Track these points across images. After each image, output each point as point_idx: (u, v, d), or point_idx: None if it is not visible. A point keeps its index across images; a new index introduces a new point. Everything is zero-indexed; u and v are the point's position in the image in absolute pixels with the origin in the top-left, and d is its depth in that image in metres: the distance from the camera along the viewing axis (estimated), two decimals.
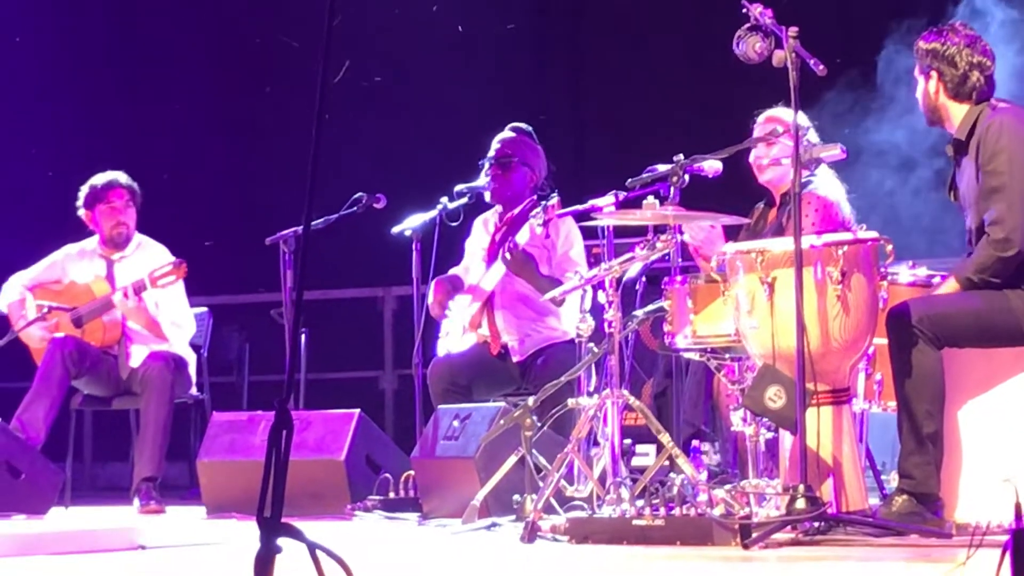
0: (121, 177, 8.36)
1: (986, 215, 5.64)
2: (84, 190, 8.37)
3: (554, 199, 6.69)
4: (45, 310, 8.14)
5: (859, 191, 6.98)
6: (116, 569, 5.09)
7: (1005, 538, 2.53)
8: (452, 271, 7.62)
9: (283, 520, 2.63)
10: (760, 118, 6.82)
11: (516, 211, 7.46)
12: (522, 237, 7.10)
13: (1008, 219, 5.58)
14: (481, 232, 7.67)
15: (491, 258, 7.44)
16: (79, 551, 5.56)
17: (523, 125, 7.55)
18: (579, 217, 6.82)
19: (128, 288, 7.96)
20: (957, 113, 5.79)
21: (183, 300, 8.26)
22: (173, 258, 8.15)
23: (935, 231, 8.14)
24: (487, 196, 7.50)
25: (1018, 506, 2.61)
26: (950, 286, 5.71)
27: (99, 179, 8.36)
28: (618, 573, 4.72)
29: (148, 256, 8.26)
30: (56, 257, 8.39)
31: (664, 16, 10.16)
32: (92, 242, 8.40)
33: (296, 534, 2.61)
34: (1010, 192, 5.60)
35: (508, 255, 7.10)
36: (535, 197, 7.42)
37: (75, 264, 8.35)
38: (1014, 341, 5.62)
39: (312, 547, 2.62)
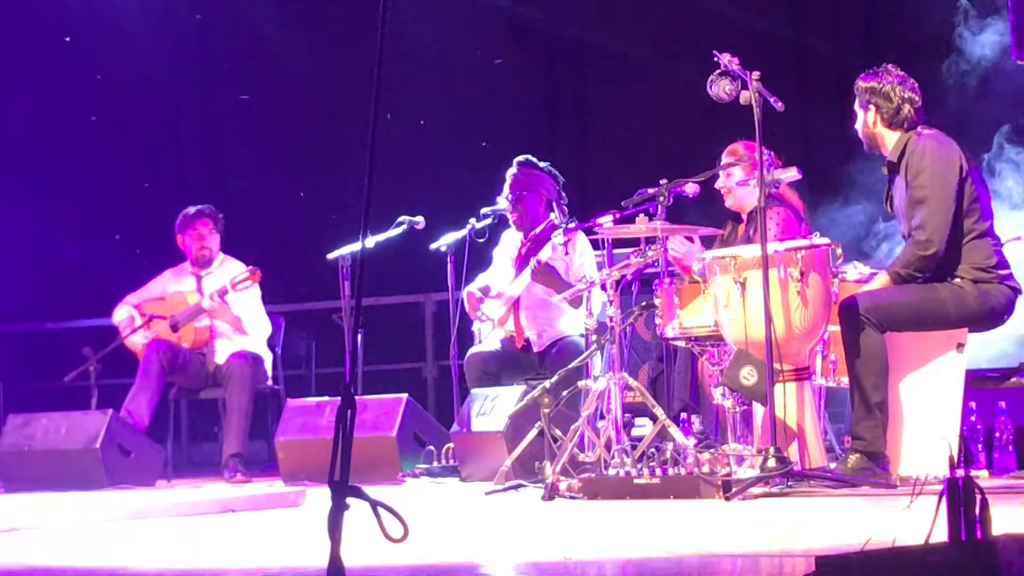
0: (205, 208, 8.38)
1: (912, 221, 5.65)
2: (179, 219, 8.40)
3: (572, 224, 6.76)
4: (147, 318, 8.18)
5: None
6: (211, 529, 5.12)
7: (940, 487, 2.55)
8: (481, 275, 7.64)
9: (349, 484, 2.65)
10: (724, 152, 6.80)
11: (538, 230, 7.47)
12: (545, 253, 7.13)
13: (929, 224, 5.59)
14: (509, 243, 7.69)
15: (519, 267, 7.46)
16: (181, 515, 5.60)
17: (523, 157, 7.48)
18: (584, 231, 6.86)
19: (214, 293, 8.04)
20: (890, 139, 5.80)
21: (259, 304, 8.29)
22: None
23: None
24: (510, 220, 7.52)
25: (951, 460, 2.63)
26: (881, 280, 5.71)
27: (189, 210, 8.38)
28: (623, 522, 4.74)
29: (229, 271, 8.29)
30: (155, 284, 8.44)
31: (654, 65, 10.16)
32: (186, 264, 8.44)
33: (360, 494, 2.64)
34: (931, 203, 5.60)
35: (535, 270, 7.11)
36: (553, 220, 7.38)
37: (172, 281, 8.41)
38: (943, 325, 5.64)
39: (374, 504, 2.65)
